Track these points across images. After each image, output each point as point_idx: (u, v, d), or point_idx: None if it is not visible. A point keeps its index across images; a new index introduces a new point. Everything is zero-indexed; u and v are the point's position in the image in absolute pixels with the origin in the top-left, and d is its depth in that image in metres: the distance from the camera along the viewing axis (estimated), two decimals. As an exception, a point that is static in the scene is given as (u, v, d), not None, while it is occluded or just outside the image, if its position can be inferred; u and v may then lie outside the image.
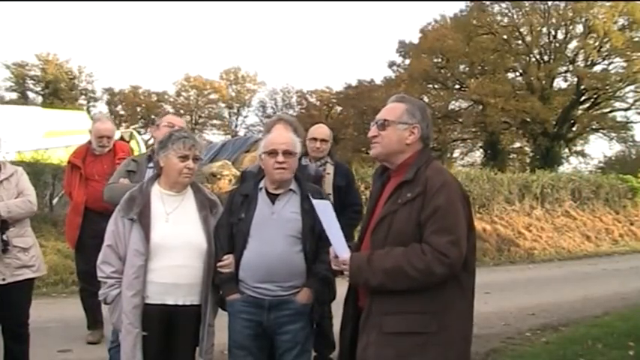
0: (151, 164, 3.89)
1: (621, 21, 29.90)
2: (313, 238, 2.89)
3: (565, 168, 29.97)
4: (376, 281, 2.23)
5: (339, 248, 2.37)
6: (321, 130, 4.56)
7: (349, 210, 4.32)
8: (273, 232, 2.90)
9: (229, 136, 36.37)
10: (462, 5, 45.46)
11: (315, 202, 2.55)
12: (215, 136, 44.22)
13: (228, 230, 2.98)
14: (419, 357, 2.20)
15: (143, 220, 2.91)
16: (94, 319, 5.34)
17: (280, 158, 2.93)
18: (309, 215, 2.91)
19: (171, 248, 2.91)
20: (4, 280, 3.88)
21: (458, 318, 2.26)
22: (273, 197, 3.00)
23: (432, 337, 2.20)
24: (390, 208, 2.30)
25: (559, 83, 32.83)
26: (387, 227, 2.28)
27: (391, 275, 2.19)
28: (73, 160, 5.44)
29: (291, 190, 3.02)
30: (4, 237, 3.89)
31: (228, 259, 2.94)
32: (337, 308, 2.80)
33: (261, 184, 3.05)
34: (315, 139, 4.48)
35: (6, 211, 3.89)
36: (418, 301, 2.21)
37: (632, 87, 30.01)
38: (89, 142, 5.45)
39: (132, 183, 3.75)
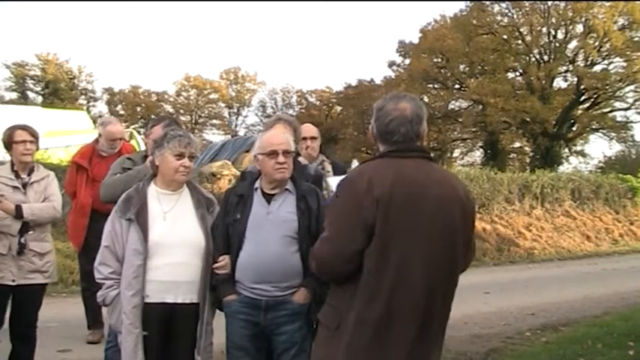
0: None
1: (621, 21, 29.93)
2: (309, 238, 2.86)
3: (565, 168, 30.03)
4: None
5: None
6: (308, 129, 4.52)
7: None
8: (268, 233, 2.89)
9: (229, 136, 36.38)
10: (462, 5, 45.52)
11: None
12: (215, 136, 44.30)
13: (223, 231, 2.98)
14: (323, 349, 2.24)
15: (141, 219, 2.91)
16: (95, 319, 5.33)
17: (281, 159, 2.93)
18: (305, 215, 2.92)
19: (169, 246, 2.91)
20: (13, 281, 3.88)
21: (359, 322, 2.12)
22: (268, 197, 2.99)
23: (333, 333, 2.18)
24: None
25: (559, 83, 32.94)
26: None
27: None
28: (78, 161, 5.40)
29: (286, 189, 3.01)
30: (22, 239, 3.90)
31: (224, 259, 2.94)
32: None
33: (257, 184, 3.04)
34: (304, 138, 4.46)
35: (30, 214, 3.90)
36: (332, 294, 2.25)
37: (632, 87, 30.06)
38: (95, 142, 5.42)
39: (125, 174, 3.74)
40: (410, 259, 2.12)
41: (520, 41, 31.89)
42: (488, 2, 32.45)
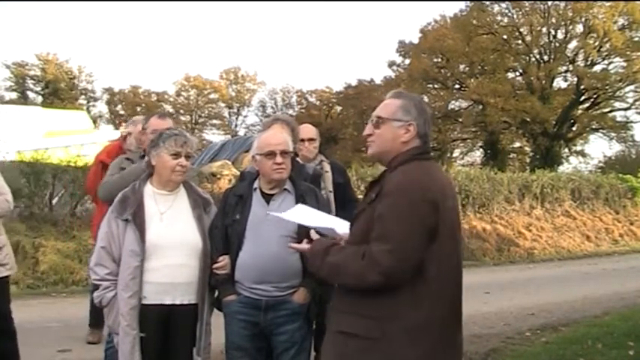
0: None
1: (621, 21, 29.91)
2: (309, 238, 2.88)
3: (565, 168, 29.99)
4: (323, 272, 2.26)
5: (336, 228, 2.39)
6: (307, 130, 4.53)
7: (349, 206, 4.38)
8: (268, 233, 2.89)
9: (229, 136, 36.37)
10: (462, 5, 45.46)
11: (286, 215, 2.59)
12: (215, 136, 44.28)
13: (222, 231, 2.97)
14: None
15: (137, 220, 2.88)
16: (98, 320, 5.31)
17: (279, 159, 2.93)
18: None
19: (167, 248, 2.89)
20: None
21: (407, 329, 2.09)
22: (267, 197, 2.99)
23: (373, 344, 2.11)
24: (360, 207, 2.32)
25: (559, 83, 32.91)
26: (355, 225, 2.30)
27: (331, 271, 2.20)
28: (105, 159, 5.31)
29: (285, 189, 3.01)
30: None
31: (224, 260, 2.93)
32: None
33: (256, 185, 3.04)
34: (302, 140, 4.46)
35: None
36: (368, 304, 2.14)
37: (632, 87, 30.05)
38: (122, 141, 5.36)
39: (119, 174, 3.76)
40: (459, 259, 2.22)
41: (520, 41, 31.87)
42: (488, 2, 32.43)
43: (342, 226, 2.40)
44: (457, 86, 34.71)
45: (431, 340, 2.11)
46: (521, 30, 31.64)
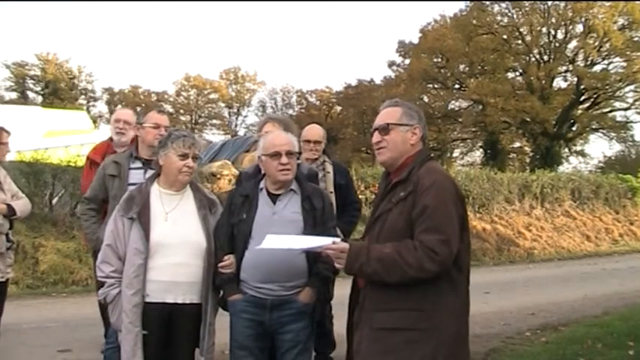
0: (137, 164, 3.85)
1: (621, 21, 29.90)
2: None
3: (565, 168, 30.01)
4: (370, 269, 2.25)
5: (322, 242, 2.41)
6: (314, 132, 4.53)
7: (350, 208, 4.42)
8: (274, 233, 2.89)
9: (229, 136, 36.36)
10: (462, 5, 45.54)
11: (266, 244, 2.58)
12: (215, 136, 44.27)
13: (228, 231, 2.98)
14: (408, 353, 2.22)
15: (142, 219, 2.91)
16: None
17: (284, 160, 2.93)
18: (310, 215, 2.93)
19: (170, 246, 2.91)
20: (1, 277, 3.91)
21: (450, 317, 2.26)
22: (274, 197, 2.99)
23: (421, 334, 2.22)
24: (385, 207, 2.37)
25: (559, 83, 32.91)
26: (381, 225, 2.35)
27: (385, 265, 2.22)
28: (92, 156, 5.28)
29: (291, 190, 3.02)
30: (10, 236, 3.93)
31: (229, 259, 2.94)
32: (337, 308, 2.80)
33: (262, 185, 3.04)
34: (308, 141, 4.45)
35: (20, 211, 3.99)
36: (408, 298, 2.24)
37: (631, 87, 30.04)
38: (110, 139, 5.34)
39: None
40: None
41: (520, 41, 31.87)
42: (488, 2, 32.42)
43: (320, 241, 2.43)
44: (457, 86, 34.71)
45: (464, 323, 2.35)
46: (521, 30, 31.63)
